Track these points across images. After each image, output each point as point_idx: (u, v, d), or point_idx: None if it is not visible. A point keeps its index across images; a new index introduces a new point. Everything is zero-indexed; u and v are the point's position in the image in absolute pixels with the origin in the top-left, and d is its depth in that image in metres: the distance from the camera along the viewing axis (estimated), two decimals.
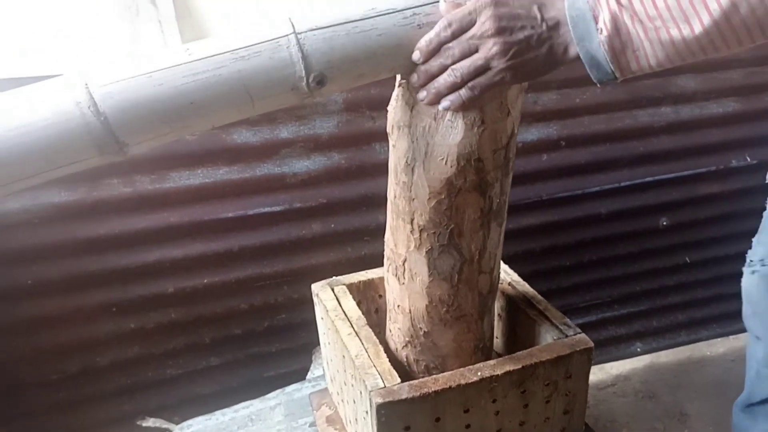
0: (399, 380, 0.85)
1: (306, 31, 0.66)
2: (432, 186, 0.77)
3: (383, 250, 1.40)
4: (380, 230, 1.39)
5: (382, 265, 1.16)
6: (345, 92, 1.25)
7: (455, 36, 0.66)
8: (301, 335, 1.44)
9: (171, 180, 1.22)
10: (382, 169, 1.34)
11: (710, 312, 1.81)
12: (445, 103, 0.70)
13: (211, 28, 3.01)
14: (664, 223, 1.62)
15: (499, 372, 0.87)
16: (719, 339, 1.86)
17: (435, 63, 0.68)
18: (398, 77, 0.77)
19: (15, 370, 1.24)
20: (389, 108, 0.82)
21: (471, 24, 0.65)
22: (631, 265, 1.66)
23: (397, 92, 0.79)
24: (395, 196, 0.84)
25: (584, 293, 1.66)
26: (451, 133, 0.74)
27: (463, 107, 0.70)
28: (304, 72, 0.65)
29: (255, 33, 0.67)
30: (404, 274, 0.87)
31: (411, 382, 0.85)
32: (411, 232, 0.83)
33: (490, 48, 0.64)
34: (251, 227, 1.30)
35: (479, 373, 0.87)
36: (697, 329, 1.83)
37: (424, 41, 0.67)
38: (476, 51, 0.65)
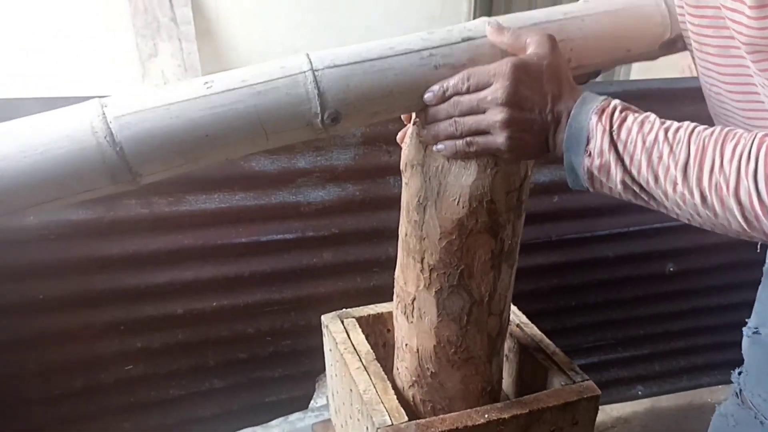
0: (406, 418, 0.86)
1: (323, 68, 0.67)
2: (443, 226, 0.79)
3: (392, 282, 1.42)
4: (390, 262, 1.40)
5: (390, 296, 1.17)
6: (363, 127, 1.27)
7: (469, 91, 0.68)
8: (305, 362, 1.44)
9: (187, 203, 1.24)
10: (395, 202, 1.35)
11: (713, 359, 1.81)
12: (439, 146, 0.73)
13: (229, 47, 3.06)
14: (671, 269, 1.63)
15: (506, 415, 0.88)
16: (721, 386, 1.85)
17: (442, 109, 0.70)
18: (413, 116, 0.78)
19: (20, 385, 1.24)
20: (403, 146, 0.83)
21: (487, 85, 0.67)
22: (636, 309, 1.66)
23: (411, 130, 0.80)
24: (406, 234, 0.85)
25: (588, 334, 1.66)
26: (464, 174, 0.75)
27: (455, 157, 0.74)
28: (319, 109, 0.66)
29: (273, 68, 0.67)
30: (413, 313, 0.88)
31: (418, 421, 0.86)
32: (421, 271, 0.84)
33: (495, 115, 0.66)
34: (263, 253, 1.32)
35: (486, 416, 0.87)
36: (699, 375, 1.83)
37: (439, 87, 0.69)
38: (483, 113, 0.67)
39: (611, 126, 0.63)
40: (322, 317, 1.11)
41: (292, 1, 2.99)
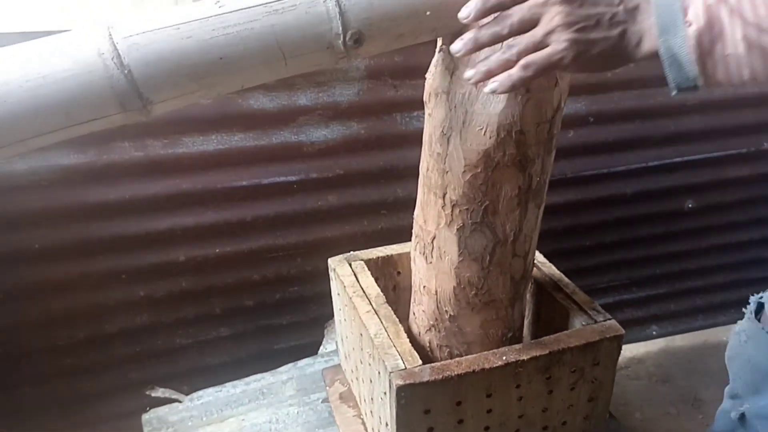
0: (420, 362, 0.82)
1: None
2: (468, 158, 0.72)
3: (400, 224, 1.37)
4: (398, 204, 1.35)
5: (398, 240, 1.12)
6: (367, 59, 1.19)
7: (516, 1, 0.56)
8: (313, 308, 1.41)
9: (184, 145, 1.17)
10: (402, 140, 1.29)
11: (729, 297, 1.77)
12: (492, 85, 0.57)
13: None
14: (690, 206, 1.57)
15: (525, 357, 0.83)
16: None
17: (487, 31, 0.57)
18: (439, 41, 0.72)
19: (22, 335, 1.21)
20: (427, 75, 0.77)
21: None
22: (653, 248, 1.61)
23: (437, 57, 0.74)
24: (428, 169, 0.79)
25: (603, 274, 1.62)
26: (492, 102, 0.69)
27: (512, 89, 0.57)
28: (341, 29, 0.61)
29: None
30: (432, 253, 0.83)
31: (433, 364, 0.82)
32: (442, 207, 0.78)
33: (552, 17, 0.54)
34: (265, 197, 1.26)
35: (504, 358, 0.83)
36: (715, 314, 1.80)
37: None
38: (537, 23, 0.55)
39: None
40: (329, 260, 1.06)
41: None
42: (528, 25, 0.55)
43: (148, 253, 1.23)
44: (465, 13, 0.57)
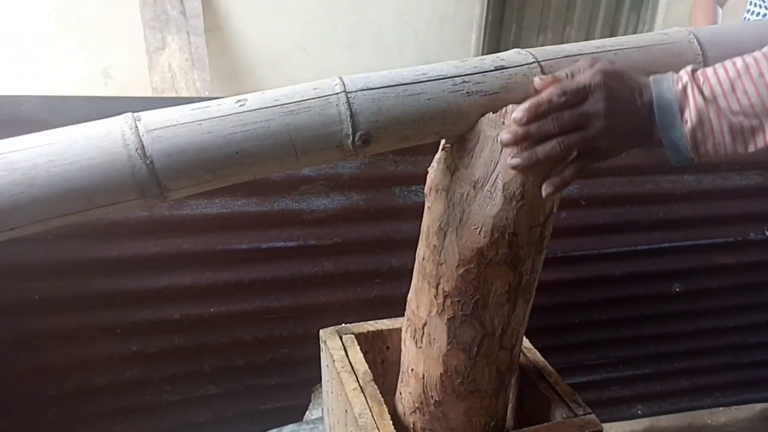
0: None
1: (356, 91, 0.67)
2: (462, 254, 0.76)
3: (393, 293, 1.39)
4: (391, 274, 1.38)
5: (390, 308, 1.15)
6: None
7: (568, 106, 0.66)
8: (302, 371, 1.42)
9: (189, 207, 1.21)
10: (399, 213, 1.34)
11: (715, 380, 1.79)
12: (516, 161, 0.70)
13: (238, 43, 3.03)
14: (677, 290, 1.60)
15: None
16: (721, 408, 1.84)
17: (538, 128, 0.67)
18: (443, 141, 0.77)
19: (12, 384, 1.22)
20: (429, 169, 0.81)
21: (584, 99, 0.66)
22: (641, 328, 1.64)
23: (440, 155, 0.79)
24: (424, 258, 0.82)
25: (591, 351, 1.64)
26: (488, 204, 0.73)
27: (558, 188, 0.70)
28: (350, 130, 0.66)
29: (306, 89, 0.68)
30: (422, 338, 0.86)
31: None
32: (435, 296, 0.82)
33: (598, 126, 0.66)
34: (263, 260, 1.29)
35: None
36: (700, 396, 1.81)
37: (533, 104, 0.66)
38: (585, 127, 0.66)
39: (696, 83, 0.65)
40: (321, 332, 1.09)
41: None
42: (578, 127, 0.67)
43: (144, 309, 1.25)
44: (519, 116, 0.67)
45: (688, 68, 0.67)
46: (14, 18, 2.58)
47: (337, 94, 0.66)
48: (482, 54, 3.37)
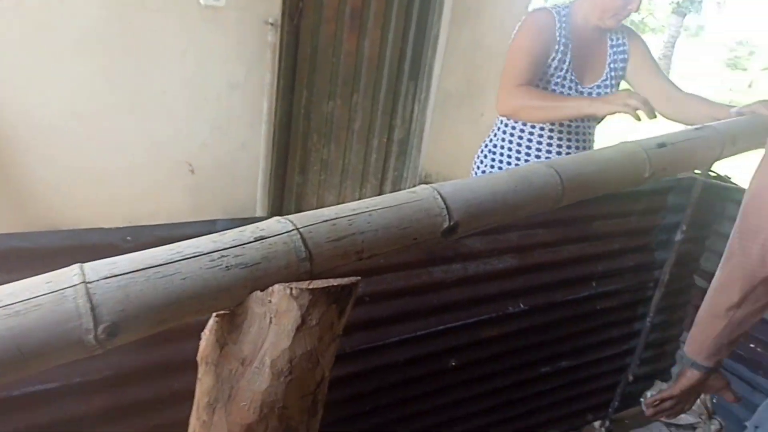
0: None
1: (98, 280, 0.63)
2: (232, 431, 0.76)
3: None
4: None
5: None
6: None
7: (681, 401, 1.26)
8: None
9: None
10: None
11: None
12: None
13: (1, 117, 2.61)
14: (453, 364, 1.77)
15: None
16: None
17: (664, 410, 1.27)
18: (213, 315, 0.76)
19: None
20: (203, 335, 0.79)
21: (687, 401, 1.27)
22: (425, 403, 1.77)
23: (211, 323, 0.77)
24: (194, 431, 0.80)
25: None
26: (257, 380, 0.74)
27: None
28: (92, 324, 0.61)
29: (39, 283, 0.62)
30: None
31: None
32: None
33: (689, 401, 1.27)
34: None
35: None
36: None
37: (665, 398, 1.26)
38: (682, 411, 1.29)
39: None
40: None
41: (78, 59, 2.71)
42: (680, 411, 1.28)
43: None
44: (650, 412, 1.27)
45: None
46: None
47: (74, 286, 0.61)
48: (274, 121, 3.41)
